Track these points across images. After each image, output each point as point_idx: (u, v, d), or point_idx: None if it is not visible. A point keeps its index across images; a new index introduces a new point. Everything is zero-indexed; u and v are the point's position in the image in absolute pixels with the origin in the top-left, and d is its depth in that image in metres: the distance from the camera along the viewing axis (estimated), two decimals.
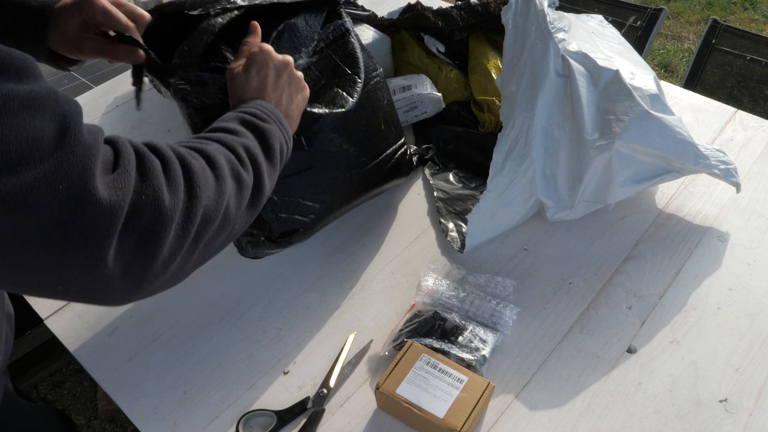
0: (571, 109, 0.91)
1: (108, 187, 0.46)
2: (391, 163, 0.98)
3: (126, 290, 0.51)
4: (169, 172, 0.52)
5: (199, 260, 0.57)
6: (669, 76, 2.85)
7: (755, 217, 0.98)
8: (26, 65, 0.44)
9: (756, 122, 1.16)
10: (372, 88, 0.93)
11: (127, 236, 0.48)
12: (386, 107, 0.96)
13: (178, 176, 0.53)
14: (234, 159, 0.61)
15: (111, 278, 0.48)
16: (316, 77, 0.91)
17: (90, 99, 1.38)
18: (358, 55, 0.93)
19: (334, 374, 0.80)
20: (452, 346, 0.80)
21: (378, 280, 0.93)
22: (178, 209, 0.51)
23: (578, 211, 0.94)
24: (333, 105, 0.89)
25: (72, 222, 0.45)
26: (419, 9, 1.25)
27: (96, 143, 0.47)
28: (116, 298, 0.52)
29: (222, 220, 0.57)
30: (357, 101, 0.90)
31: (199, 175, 0.55)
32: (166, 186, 0.51)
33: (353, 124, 0.90)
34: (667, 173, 0.92)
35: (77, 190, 0.45)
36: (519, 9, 0.97)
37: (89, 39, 0.78)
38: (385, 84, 0.97)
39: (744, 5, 3.35)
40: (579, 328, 0.85)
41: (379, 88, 0.95)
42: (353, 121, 0.90)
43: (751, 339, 0.82)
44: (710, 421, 0.74)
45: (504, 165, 0.93)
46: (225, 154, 0.60)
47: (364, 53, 0.95)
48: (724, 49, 1.64)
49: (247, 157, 0.62)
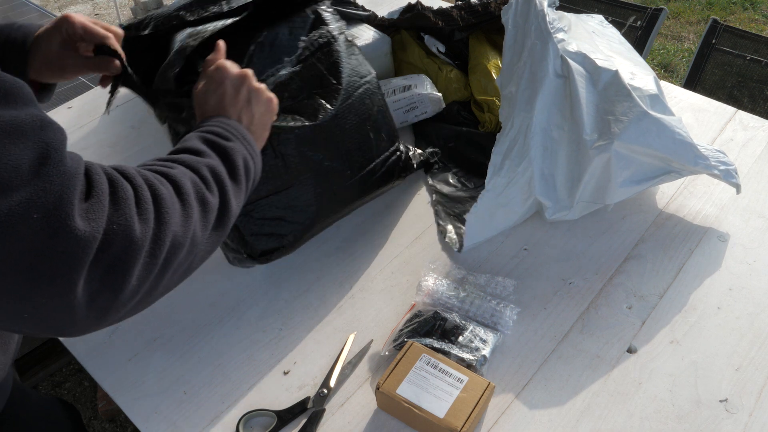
0: (570, 110, 0.91)
1: (82, 217, 0.46)
2: (381, 171, 0.96)
3: (93, 318, 0.50)
4: (140, 200, 0.52)
5: (168, 285, 0.57)
6: (669, 76, 2.85)
7: (755, 217, 0.98)
8: (16, 90, 0.44)
9: (756, 122, 1.16)
10: (359, 97, 0.91)
11: (96, 265, 0.47)
12: (377, 114, 0.94)
13: (148, 204, 0.52)
14: (199, 181, 0.60)
15: (78, 307, 0.47)
16: (299, 87, 0.89)
17: (90, 99, 1.38)
18: (341, 63, 0.91)
19: (334, 374, 0.80)
20: (452, 346, 0.80)
21: (378, 280, 0.93)
22: (147, 238, 0.51)
23: (577, 211, 0.94)
24: (314, 117, 0.87)
25: (44, 251, 0.44)
26: (419, 9, 1.25)
27: (77, 173, 0.47)
28: (82, 327, 0.50)
29: (190, 244, 0.56)
30: (335, 112, 0.88)
31: (167, 202, 0.54)
32: (137, 215, 0.50)
33: (335, 136, 0.88)
34: (666, 174, 0.92)
35: (53, 219, 0.44)
36: (519, 9, 0.97)
37: (70, 56, 0.80)
38: (376, 90, 0.94)
39: (744, 5, 3.35)
40: (579, 328, 0.85)
41: (368, 95, 0.92)
42: (335, 134, 0.88)
43: (751, 339, 0.82)
44: (710, 421, 0.74)
45: (502, 165, 0.93)
46: (190, 177, 0.59)
47: (355, 58, 0.93)
48: (724, 49, 1.64)
49: (212, 177, 0.62)
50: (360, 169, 0.92)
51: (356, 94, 0.91)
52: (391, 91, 1.16)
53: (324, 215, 0.91)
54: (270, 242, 0.87)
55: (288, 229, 0.88)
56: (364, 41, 1.21)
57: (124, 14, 3.83)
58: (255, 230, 0.85)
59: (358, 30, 1.24)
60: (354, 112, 0.90)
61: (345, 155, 0.90)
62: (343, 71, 0.91)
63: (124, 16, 3.80)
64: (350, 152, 0.91)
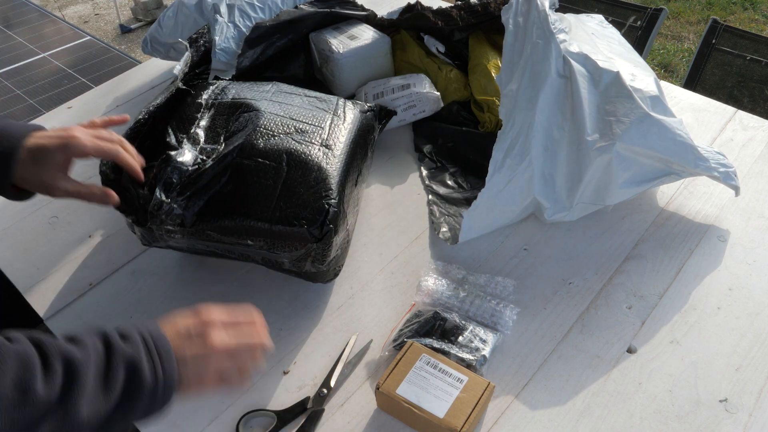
0: (571, 110, 0.91)
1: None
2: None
3: None
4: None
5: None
6: (669, 76, 2.85)
7: (755, 217, 0.98)
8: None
9: (756, 122, 1.16)
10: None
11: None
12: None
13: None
14: (34, 366, 0.51)
15: None
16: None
17: (90, 99, 1.38)
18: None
19: (334, 374, 0.80)
20: (452, 346, 0.80)
21: (378, 280, 0.93)
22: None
23: (576, 212, 0.94)
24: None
25: None
26: (419, 9, 1.25)
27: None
28: None
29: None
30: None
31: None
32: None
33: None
34: (666, 175, 0.92)
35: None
36: (519, 8, 0.97)
37: (63, 180, 0.77)
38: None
39: (744, 5, 3.35)
40: (579, 328, 0.85)
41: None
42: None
43: (751, 339, 0.82)
44: (710, 421, 0.74)
45: (503, 163, 0.93)
46: (24, 358, 0.51)
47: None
48: (724, 49, 1.64)
49: (61, 367, 0.52)
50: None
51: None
52: (390, 89, 1.16)
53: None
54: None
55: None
56: (364, 41, 1.21)
57: (124, 14, 3.83)
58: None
59: (358, 30, 1.24)
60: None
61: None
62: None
63: (124, 16, 3.80)
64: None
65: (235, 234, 0.83)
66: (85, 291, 0.95)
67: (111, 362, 0.56)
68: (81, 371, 0.53)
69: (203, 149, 0.89)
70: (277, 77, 1.24)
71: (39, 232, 1.06)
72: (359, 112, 1.01)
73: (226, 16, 1.25)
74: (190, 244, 0.86)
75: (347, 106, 1.00)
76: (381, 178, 1.11)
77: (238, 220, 0.83)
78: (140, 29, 3.72)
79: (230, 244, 0.85)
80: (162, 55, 1.36)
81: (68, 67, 2.25)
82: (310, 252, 0.82)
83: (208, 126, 0.92)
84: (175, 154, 0.86)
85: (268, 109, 0.94)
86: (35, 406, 0.50)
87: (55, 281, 0.97)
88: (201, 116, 0.94)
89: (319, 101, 0.99)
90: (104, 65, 2.26)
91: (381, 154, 1.15)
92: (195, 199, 0.84)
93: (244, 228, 0.83)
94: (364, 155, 0.99)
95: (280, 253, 0.83)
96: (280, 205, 0.83)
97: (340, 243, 0.87)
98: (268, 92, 0.99)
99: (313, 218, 0.82)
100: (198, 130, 0.91)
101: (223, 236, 0.84)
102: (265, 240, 0.83)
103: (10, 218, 1.09)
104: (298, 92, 1.01)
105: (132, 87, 1.40)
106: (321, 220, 0.82)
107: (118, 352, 0.56)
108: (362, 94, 1.19)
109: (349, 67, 1.21)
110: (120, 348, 0.57)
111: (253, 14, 1.27)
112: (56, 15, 2.84)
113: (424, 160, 1.13)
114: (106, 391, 0.54)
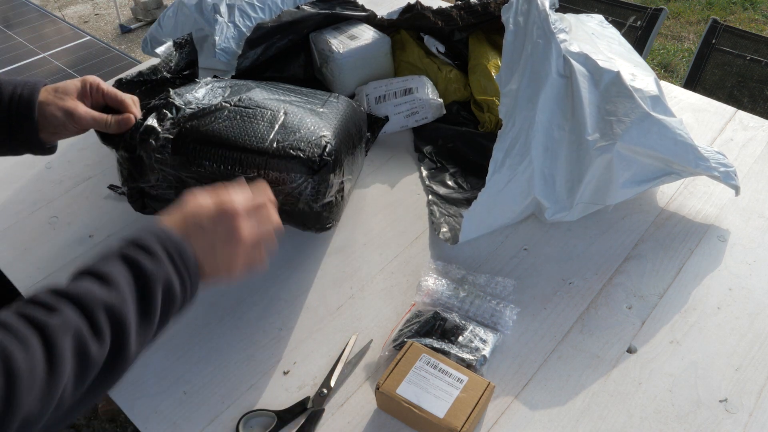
0: (571, 110, 0.91)
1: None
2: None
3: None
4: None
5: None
6: (669, 76, 2.85)
7: (755, 217, 0.98)
8: None
9: (756, 122, 1.16)
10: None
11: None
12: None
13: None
14: (85, 332, 0.51)
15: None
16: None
17: None
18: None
19: (334, 374, 0.80)
20: (452, 346, 0.80)
21: (378, 280, 0.93)
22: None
23: (576, 212, 0.94)
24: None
25: None
26: (419, 9, 1.25)
27: None
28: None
29: (52, 411, 0.48)
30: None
31: (21, 378, 0.45)
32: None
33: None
34: (666, 175, 0.92)
35: None
36: (519, 8, 0.97)
37: (85, 106, 0.84)
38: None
39: (744, 5, 3.35)
40: (579, 328, 0.85)
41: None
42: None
43: (751, 339, 0.82)
44: (710, 421, 0.74)
45: (504, 162, 0.93)
46: (74, 329, 0.51)
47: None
48: (724, 49, 1.64)
49: (106, 322, 0.53)
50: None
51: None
52: (392, 94, 1.16)
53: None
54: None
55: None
56: (364, 41, 1.21)
57: (124, 14, 3.83)
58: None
59: (358, 30, 1.24)
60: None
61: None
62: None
63: (124, 16, 3.80)
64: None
65: (229, 163, 0.83)
66: None
67: (147, 294, 0.57)
68: (124, 317, 0.54)
69: (199, 102, 0.90)
70: (277, 77, 1.24)
71: (39, 232, 1.06)
72: (353, 102, 1.03)
73: (226, 16, 1.25)
74: (179, 177, 0.86)
75: (340, 97, 1.02)
76: (381, 178, 1.11)
77: (233, 151, 0.83)
78: (140, 29, 3.72)
79: (223, 176, 0.84)
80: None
81: (68, 67, 2.24)
82: (306, 187, 0.82)
83: (206, 93, 0.94)
84: (174, 91, 0.89)
85: (266, 86, 0.97)
86: (93, 367, 0.52)
87: (55, 281, 0.97)
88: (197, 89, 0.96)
89: (313, 95, 1.01)
90: (104, 65, 2.26)
91: (381, 154, 1.15)
92: (187, 130, 0.85)
93: (239, 159, 0.82)
94: (358, 139, 1.00)
95: (274, 187, 0.81)
96: (278, 139, 0.84)
97: (335, 190, 0.88)
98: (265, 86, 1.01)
99: (311, 151, 0.83)
100: (197, 93, 0.93)
101: (217, 166, 0.83)
102: (260, 172, 0.82)
103: (10, 218, 1.09)
104: (294, 87, 1.03)
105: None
106: (319, 153, 0.83)
107: (150, 279, 0.57)
108: (362, 95, 1.19)
109: (349, 67, 1.21)
110: (151, 273, 0.57)
111: (253, 14, 1.27)
112: (56, 15, 2.83)
113: (424, 161, 1.13)
114: (148, 322, 0.57)
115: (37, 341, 0.48)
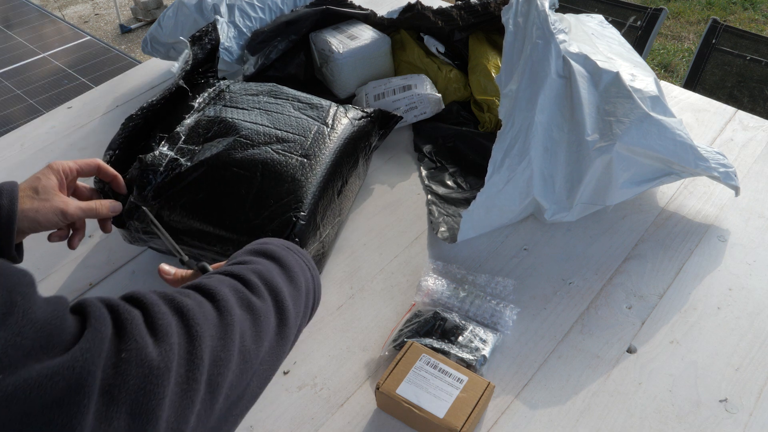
0: (571, 110, 0.91)
1: (76, 358, 0.39)
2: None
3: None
4: (153, 317, 0.45)
5: (226, 417, 0.48)
6: (669, 76, 2.85)
7: (755, 217, 0.98)
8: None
9: (756, 122, 1.16)
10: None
11: (116, 408, 0.39)
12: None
13: (164, 320, 0.45)
14: (241, 287, 0.53)
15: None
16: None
17: (90, 99, 1.38)
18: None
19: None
20: (452, 346, 0.80)
21: (378, 280, 0.93)
22: (173, 359, 0.43)
23: (576, 212, 0.94)
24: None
25: (29, 412, 0.36)
26: (419, 9, 1.25)
27: (54, 318, 0.41)
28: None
29: (239, 359, 0.48)
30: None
31: (194, 312, 0.47)
32: (149, 335, 0.43)
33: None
34: (666, 175, 0.92)
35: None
36: (519, 9, 0.97)
37: (73, 199, 0.78)
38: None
39: (744, 5, 3.35)
40: (579, 328, 0.85)
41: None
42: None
43: (751, 339, 0.82)
44: (710, 421, 0.74)
45: (503, 163, 0.93)
46: (229, 284, 0.52)
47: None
48: (724, 49, 1.64)
49: (259, 281, 0.54)
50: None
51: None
52: (391, 90, 1.16)
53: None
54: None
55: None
56: (364, 41, 1.21)
57: (124, 14, 3.83)
58: None
59: (358, 30, 1.24)
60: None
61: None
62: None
63: (124, 16, 3.80)
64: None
65: (205, 240, 0.85)
66: (85, 291, 0.95)
67: (287, 264, 0.59)
68: (274, 280, 0.56)
69: (180, 149, 0.90)
70: (277, 77, 1.24)
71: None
72: (353, 119, 0.99)
73: (226, 16, 1.25)
74: (166, 246, 0.88)
75: (339, 112, 0.99)
76: (381, 178, 1.11)
77: (209, 227, 0.85)
78: (140, 29, 3.72)
79: (201, 249, 0.86)
80: (162, 55, 1.36)
81: (68, 67, 2.25)
82: None
83: (192, 126, 0.93)
84: (144, 156, 0.88)
85: (254, 119, 0.94)
86: (264, 321, 0.52)
87: (55, 281, 0.97)
88: (189, 116, 0.95)
89: (311, 108, 0.98)
90: (104, 65, 2.26)
91: (381, 154, 1.15)
92: (170, 202, 0.86)
93: (215, 235, 0.85)
94: (353, 164, 0.97)
95: None
96: (249, 216, 0.84)
97: (315, 247, 0.88)
98: (261, 97, 0.99)
99: (280, 231, 0.82)
100: (180, 129, 0.93)
101: (195, 241, 0.85)
102: (234, 250, 0.83)
103: None
104: (292, 97, 1.00)
105: (132, 87, 1.40)
106: (287, 233, 0.82)
107: (286, 258, 0.60)
108: (362, 95, 1.19)
109: (348, 67, 1.21)
110: (283, 256, 0.60)
111: (253, 14, 1.27)
112: (56, 15, 2.84)
113: (423, 160, 1.13)
114: (295, 288, 0.58)
115: (194, 292, 0.50)
